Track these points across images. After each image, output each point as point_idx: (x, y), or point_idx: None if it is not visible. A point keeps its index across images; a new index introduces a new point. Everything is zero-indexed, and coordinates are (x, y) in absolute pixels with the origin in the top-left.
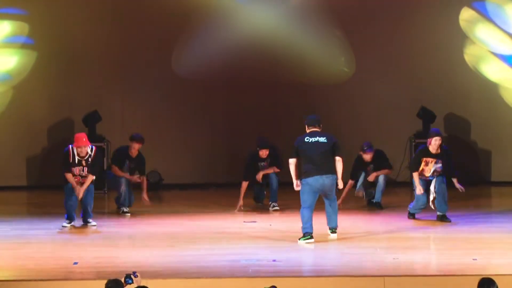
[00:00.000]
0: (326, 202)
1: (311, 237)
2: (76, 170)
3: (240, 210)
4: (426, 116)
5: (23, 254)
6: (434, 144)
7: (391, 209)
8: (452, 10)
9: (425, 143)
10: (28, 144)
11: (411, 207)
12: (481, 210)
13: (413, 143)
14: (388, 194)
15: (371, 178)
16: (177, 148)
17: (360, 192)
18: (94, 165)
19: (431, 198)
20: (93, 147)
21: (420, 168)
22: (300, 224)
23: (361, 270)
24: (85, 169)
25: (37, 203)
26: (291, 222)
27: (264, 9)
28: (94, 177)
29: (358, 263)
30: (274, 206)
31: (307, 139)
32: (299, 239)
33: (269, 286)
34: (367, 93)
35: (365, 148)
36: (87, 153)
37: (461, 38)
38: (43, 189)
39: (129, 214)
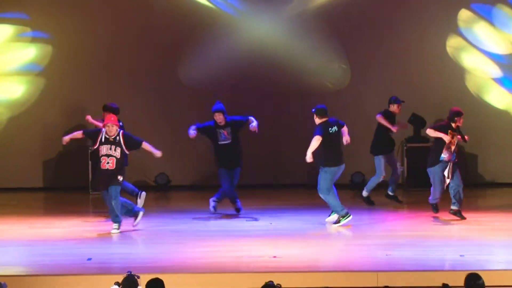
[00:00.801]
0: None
1: (350, 215)
2: (104, 148)
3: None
4: (417, 122)
5: (40, 251)
6: (459, 122)
7: (384, 209)
8: (441, 25)
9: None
10: (44, 149)
11: (431, 198)
12: (468, 210)
13: (405, 147)
14: (379, 196)
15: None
16: (184, 152)
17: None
18: (132, 141)
19: (448, 182)
20: (121, 130)
21: (448, 141)
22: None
23: (356, 266)
24: (113, 147)
25: (52, 203)
26: (290, 221)
27: (265, 20)
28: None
29: (353, 259)
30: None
31: (330, 129)
32: (337, 222)
33: (268, 281)
34: (361, 100)
35: (395, 99)
36: (115, 133)
37: (450, 50)
38: (58, 190)
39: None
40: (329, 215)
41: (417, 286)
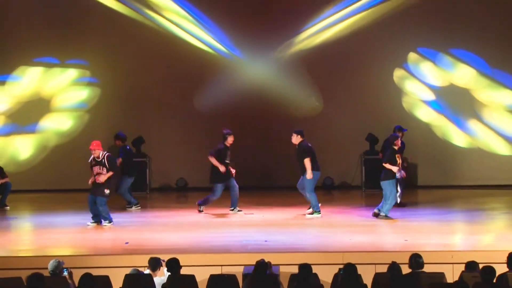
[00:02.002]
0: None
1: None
2: (95, 169)
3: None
4: (372, 139)
5: (90, 237)
6: (399, 143)
7: (348, 206)
8: (390, 68)
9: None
10: None
11: (384, 211)
12: (411, 206)
13: (363, 159)
14: (344, 195)
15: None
16: (198, 161)
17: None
18: (111, 167)
19: (398, 195)
20: (105, 153)
21: (398, 163)
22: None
23: (328, 248)
24: (100, 168)
25: None
26: (278, 214)
27: (259, 64)
28: (111, 173)
29: (326, 242)
30: (239, 210)
31: (310, 144)
32: (312, 214)
33: (260, 259)
34: (331, 123)
35: (400, 127)
36: (99, 157)
37: (396, 87)
38: None
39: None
40: (308, 209)
41: (373, 263)
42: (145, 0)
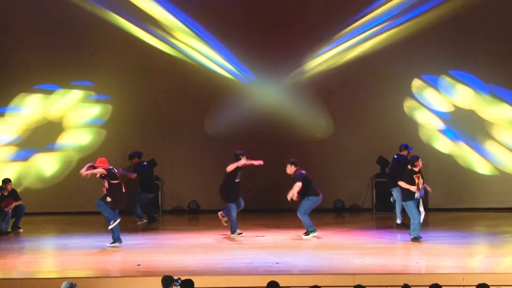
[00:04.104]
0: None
1: (316, 231)
2: (104, 182)
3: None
4: (383, 162)
5: (102, 259)
6: (420, 163)
7: (359, 228)
8: (400, 91)
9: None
10: None
11: (411, 233)
12: (422, 229)
13: (374, 181)
14: (355, 218)
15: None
16: (210, 184)
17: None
18: (111, 174)
19: (422, 217)
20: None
21: (417, 183)
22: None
23: (338, 270)
24: (104, 181)
25: None
26: (288, 236)
27: (269, 88)
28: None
29: (337, 265)
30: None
31: (304, 172)
32: (306, 234)
33: (271, 280)
34: (342, 146)
35: (406, 145)
36: (104, 172)
37: (405, 109)
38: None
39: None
40: (305, 233)
41: (384, 285)
42: (158, 23)
